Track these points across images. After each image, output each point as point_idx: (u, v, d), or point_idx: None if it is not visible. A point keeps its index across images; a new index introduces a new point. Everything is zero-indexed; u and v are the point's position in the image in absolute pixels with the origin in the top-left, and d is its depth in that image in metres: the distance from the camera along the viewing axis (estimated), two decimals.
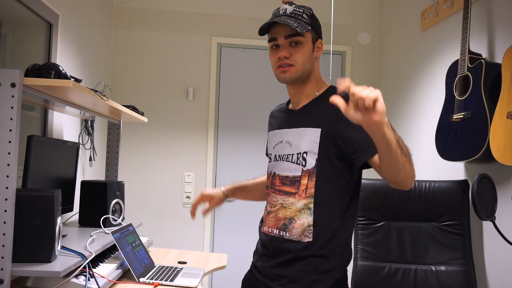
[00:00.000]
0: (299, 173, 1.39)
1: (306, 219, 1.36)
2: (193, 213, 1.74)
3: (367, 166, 1.32)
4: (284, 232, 1.40)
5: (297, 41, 1.38)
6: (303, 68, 1.40)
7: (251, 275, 1.56)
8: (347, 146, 1.32)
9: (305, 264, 1.37)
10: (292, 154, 1.41)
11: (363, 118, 1.03)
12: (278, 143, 1.49)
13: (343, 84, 1.04)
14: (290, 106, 1.53)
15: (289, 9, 1.40)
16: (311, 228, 1.36)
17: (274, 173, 1.47)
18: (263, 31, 1.42)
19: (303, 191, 1.37)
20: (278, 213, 1.43)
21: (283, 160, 1.44)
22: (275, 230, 1.43)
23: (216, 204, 1.77)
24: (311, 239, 1.36)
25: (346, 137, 1.32)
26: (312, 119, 1.40)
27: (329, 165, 1.36)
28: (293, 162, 1.41)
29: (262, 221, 1.55)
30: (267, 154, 1.61)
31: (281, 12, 1.41)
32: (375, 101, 1.00)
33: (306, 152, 1.38)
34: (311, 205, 1.36)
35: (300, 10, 1.40)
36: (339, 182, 1.37)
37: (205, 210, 1.76)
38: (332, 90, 1.44)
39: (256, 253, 1.56)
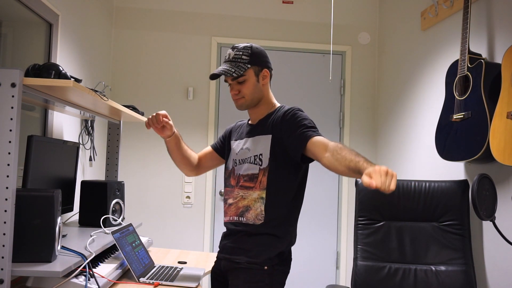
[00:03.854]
0: (256, 171, 1.71)
1: (259, 207, 1.69)
2: (152, 121, 1.79)
3: (308, 159, 1.64)
4: (242, 218, 1.72)
5: (241, 80, 1.72)
6: (252, 97, 1.75)
7: (216, 261, 1.84)
8: (289, 148, 1.66)
9: (255, 239, 1.69)
10: (251, 157, 1.74)
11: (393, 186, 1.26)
12: (240, 150, 1.80)
13: (369, 185, 1.24)
14: (250, 122, 1.87)
15: (232, 54, 1.73)
16: (263, 213, 1.68)
17: (239, 174, 1.76)
18: (212, 78, 1.75)
19: (258, 184, 1.70)
20: (238, 203, 1.74)
21: (245, 163, 1.75)
22: (235, 217, 1.74)
23: (169, 126, 1.82)
24: (262, 221, 1.68)
25: (287, 142, 1.66)
26: (264, 129, 1.75)
27: (278, 163, 1.68)
28: (252, 163, 1.73)
29: (224, 215, 1.83)
30: (216, 148, 1.97)
31: (226, 58, 1.75)
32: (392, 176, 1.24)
33: (261, 154, 1.71)
34: (264, 195, 1.68)
35: (239, 53, 1.72)
36: (287, 176, 1.69)
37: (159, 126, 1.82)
38: (280, 109, 1.76)
39: (220, 243, 1.85)
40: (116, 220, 2.28)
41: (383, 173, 1.22)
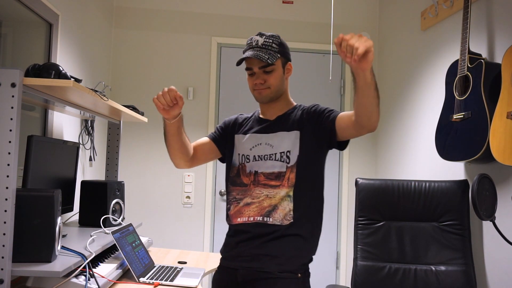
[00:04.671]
0: (284, 169, 1.60)
1: (287, 205, 1.57)
2: (168, 98, 1.55)
3: (344, 143, 1.59)
4: (268, 218, 1.57)
5: (269, 70, 1.62)
6: (277, 89, 1.65)
7: (223, 270, 1.66)
8: (322, 135, 1.60)
9: (284, 243, 1.55)
10: (275, 154, 1.62)
11: (354, 64, 1.25)
12: (256, 145, 1.67)
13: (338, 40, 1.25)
14: (263, 117, 1.75)
15: (260, 40, 1.63)
16: (291, 212, 1.56)
17: (256, 171, 1.63)
18: (239, 63, 1.64)
19: (286, 181, 1.59)
20: (262, 203, 1.59)
21: (265, 160, 1.63)
22: (258, 218, 1.58)
23: (178, 108, 1.61)
24: (291, 221, 1.55)
25: (319, 129, 1.60)
26: (289, 125, 1.65)
27: (307, 160, 1.60)
28: (277, 160, 1.61)
29: (230, 215, 1.65)
30: (214, 139, 1.78)
31: (253, 44, 1.64)
32: (367, 51, 1.22)
33: (289, 151, 1.61)
34: (291, 193, 1.57)
35: (270, 40, 1.63)
36: (315, 174, 1.62)
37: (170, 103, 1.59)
38: (299, 106, 1.71)
39: (225, 246, 1.68)
40: (116, 220, 2.28)
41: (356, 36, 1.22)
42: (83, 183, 2.29)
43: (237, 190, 1.65)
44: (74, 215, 2.46)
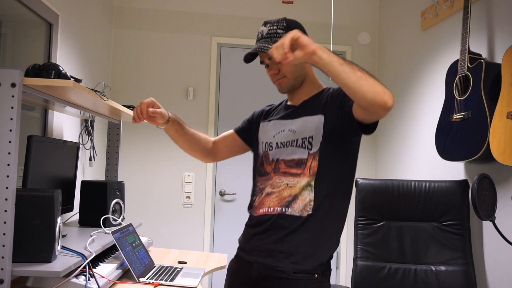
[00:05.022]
0: (305, 156, 1.47)
1: (307, 195, 1.44)
2: (141, 112, 1.56)
3: (369, 127, 1.40)
4: (287, 209, 1.45)
5: None
6: (295, 76, 1.53)
7: (239, 260, 1.59)
8: (344, 115, 1.44)
9: (301, 237, 1.43)
10: (297, 139, 1.50)
11: (300, 55, 1.20)
12: (279, 132, 1.57)
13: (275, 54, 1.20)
14: (289, 103, 1.64)
15: (265, 30, 1.52)
16: (312, 203, 1.43)
17: (278, 159, 1.53)
18: (247, 60, 1.57)
19: (308, 170, 1.46)
20: (282, 193, 1.48)
21: (287, 146, 1.52)
22: (277, 209, 1.47)
23: (159, 115, 1.59)
24: (310, 212, 1.43)
25: (341, 113, 1.45)
26: (313, 109, 1.52)
27: (331, 147, 1.46)
28: (299, 146, 1.49)
29: (254, 206, 1.57)
30: (238, 130, 1.76)
31: (259, 36, 1.54)
32: (296, 40, 1.18)
33: (311, 137, 1.48)
34: (312, 182, 1.44)
35: (274, 27, 1.51)
36: (340, 163, 1.47)
37: (150, 112, 1.59)
38: (328, 90, 1.55)
39: (243, 236, 1.61)
40: (116, 220, 2.28)
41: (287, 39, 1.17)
42: (83, 183, 2.29)
43: (261, 180, 1.57)
44: (74, 215, 2.46)
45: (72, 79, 1.55)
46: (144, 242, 2.37)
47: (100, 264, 1.82)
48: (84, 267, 1.56)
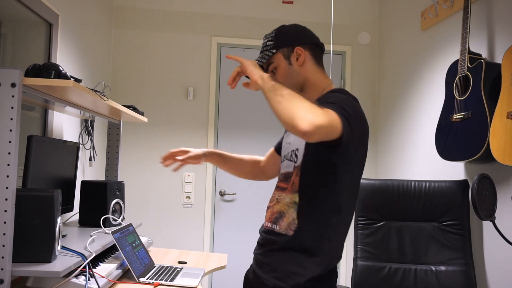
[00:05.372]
0: (291, 169, 1.44)
1: (292, 214, 1.40)
2: (165, 158, 1.74)
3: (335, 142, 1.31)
4: (275, 225, 1.44)
5: (271, 69, 1.50)
6: (289, 84, 1.44)
7: (249, 269, 1.61)
8: None
9: (284, 256, 1.40)
10: (290, 152, 1.48)
11: (250, 84, 1.40)
12: (285, 145, 1.57)
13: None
14: None
15: (262, 44, 1.56)
16: (295, 222, 1.38)
17: (280, 173, 1.54)
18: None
19: (291, 185, 1.42)
20: (273, 208, 1.48)
21: (285, 160, 1.51)
22: (269, 224, 1.47)
23: (192, 159, 1.73)
24: (293, 232, 1.38)
25: None
26: None
27: (313, 160, 1.38)
28: (289, 160, 1.47)
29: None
30: (276, 146, 1.78)
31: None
32: (243, 71, 1.40)
33: (297, 149, 1.44)
34: (297, 200, 1.39)
35: (265, 40, 1.53)
36: (323, 177, 1.37)
37: (178, 165, 1.75)
38: (325, 95, 1.44)
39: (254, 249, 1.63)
40: (116, 220, 2.28)
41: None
42: (83, 183, 2.29)
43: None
44: (74, 215, 2.46)
45: (72, 79, 1.55)
46: (144, 242, 2.37)
47: (100, 264, 1.82)
48: (84, 267, 1.56)
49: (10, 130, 1.38)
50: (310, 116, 1.15)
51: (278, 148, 1.76)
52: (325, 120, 1.17)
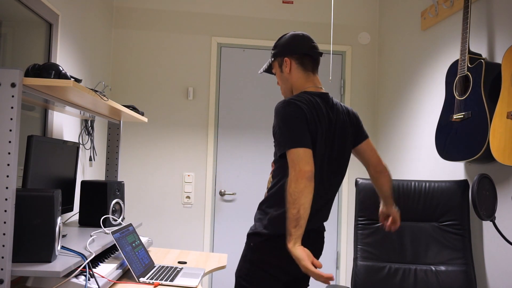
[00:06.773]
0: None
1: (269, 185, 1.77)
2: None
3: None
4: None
5: (274, 74, 1.86)
6: (284, 89, 1.81)
7: None
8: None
9: (259, 210, 1.77)
10: None
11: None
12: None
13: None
14: None
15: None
16: (267, 191, 1.75)
17: None
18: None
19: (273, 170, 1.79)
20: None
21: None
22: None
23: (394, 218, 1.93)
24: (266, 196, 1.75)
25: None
26: None
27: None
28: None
29: None
30: None
31: None
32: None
33: None
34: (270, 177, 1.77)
35: (272, 47, 1.83)
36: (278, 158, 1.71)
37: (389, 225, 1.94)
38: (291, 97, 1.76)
39: None
40: (116, 220, 2.28)
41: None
42: (83, 183, 2.29)
43: None
44: (74, 215, 2.46)
45: (72, 79, 1.55)
46: (144, 242, 2.37)
47: (100, 264, 1.82)
48: (84, 267, 1.56)
49: (10, 130, 1.38)
50: (292, 200, 1.52)
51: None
52: (296, 170, 1.52)
